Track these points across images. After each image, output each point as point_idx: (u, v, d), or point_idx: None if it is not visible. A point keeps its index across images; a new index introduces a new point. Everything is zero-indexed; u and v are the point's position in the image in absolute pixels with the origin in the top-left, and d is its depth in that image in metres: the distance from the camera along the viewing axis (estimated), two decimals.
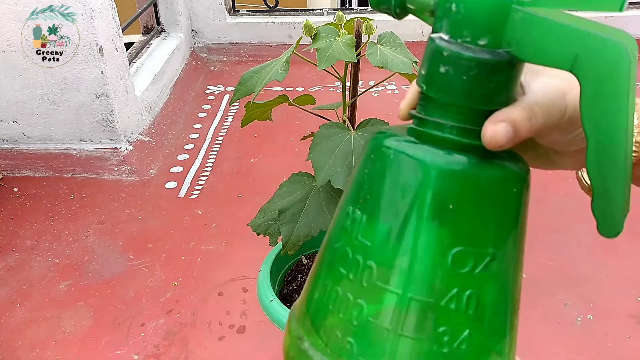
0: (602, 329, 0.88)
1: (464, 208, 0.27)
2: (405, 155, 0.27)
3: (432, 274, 0.27)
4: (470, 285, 0.28)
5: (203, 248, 1.09)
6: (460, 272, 0.27)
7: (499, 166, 0.28)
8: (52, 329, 0.93)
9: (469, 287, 0.27)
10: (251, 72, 0.63)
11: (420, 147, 0.27)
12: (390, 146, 0.28)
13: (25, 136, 1.36)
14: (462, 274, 0.27)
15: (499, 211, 0.28)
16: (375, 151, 0.28)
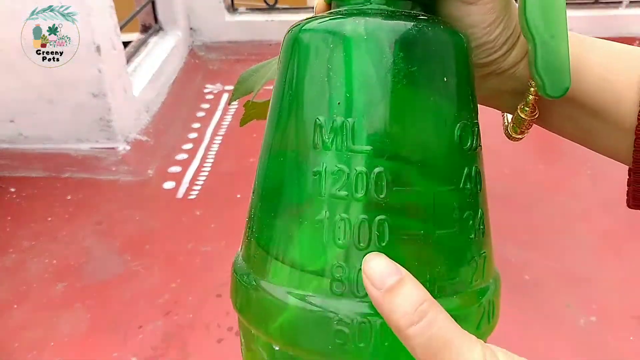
0: (605, 330, 0.87)
1: (441, 75, 0.26)
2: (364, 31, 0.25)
3: (450, 159, 0.26)
4: (473, 161, 0.27)
5: (201, 249, 1.08)
6: (465, 149, 0.26)
7: (445, 28, 0.26)
8: (50, 331, 0.92)
9: (473, 162, 0.26)
10: (250, 71, 0.62)
11: (368, 20, 0.25)
12: (341, 31, 0.25)
13: (22, 136, 1.35)
14: (466, 150, 0.26)
15: (467, 75, 0.27)
16: (329, 41, 0.25)
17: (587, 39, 0.28)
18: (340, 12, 0.27)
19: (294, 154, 0.26)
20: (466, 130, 0.26)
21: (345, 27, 0.25)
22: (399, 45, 0.25)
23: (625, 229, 1.08)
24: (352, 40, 0.25)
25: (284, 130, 0.27)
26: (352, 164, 0.24)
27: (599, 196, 1.16)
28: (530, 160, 1.25)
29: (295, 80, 0.26)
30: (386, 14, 0.26)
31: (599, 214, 1.12)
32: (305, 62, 0.26)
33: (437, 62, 0.26)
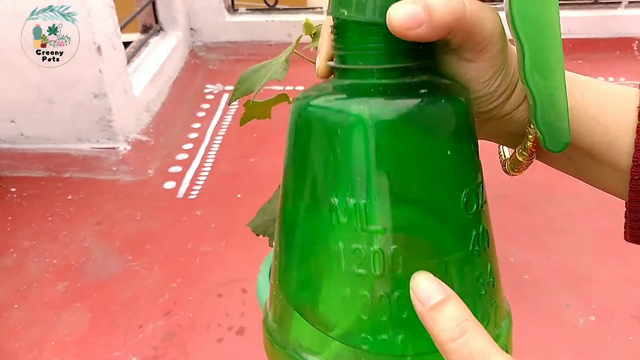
0: (604, 330, 0.88)
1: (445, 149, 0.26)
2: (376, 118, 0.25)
3: (458, 228, 0.26)
4: (479, 221, 0.27)
5: (202, 249, 1.08)
6: (472, 213, 0.27)
7: (447, 98, 0.27)
8: (50, 331, 0.92)
9: (480, 223, 0.27)
10: (250, 71, 0.62)
11: (372, 103, 0.26)
12: (347, 116, 0.26)
13: (22, 136, 1.35)
14: (472, 213, 0.27)
15: (470, 139, 0.28)
16: (336, 125, 0.26)
17: (580, 79, 0.28)
18: (343, 87, 0.27)
19: (312, 229, 0.27)
20: (472, 195, 0.27)
21: (351, 110, 0.25)
22: (404, 127, 0.25)
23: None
24: (358, 126, 0.25)
25: (301, 204, 0.28)
26: (368, 244, 0.25)
27: (598, 196, 1.16)
28: None
29: (306, 158, 0.27)
30: (389, 90, 0.26)
31: (599, 214, 1.12)
32: (314, 141, 0.27)
33: (441, 137, 0.26)
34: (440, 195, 0.26)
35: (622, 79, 1.65)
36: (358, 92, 0.26)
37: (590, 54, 1.78)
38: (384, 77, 0.26)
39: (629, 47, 1.81)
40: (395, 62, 0.26)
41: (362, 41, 0.26)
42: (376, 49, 0.26)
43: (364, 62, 0.26)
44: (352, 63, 0.27)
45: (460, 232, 0.27)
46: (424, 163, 0.26)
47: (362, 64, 0.26)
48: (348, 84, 0.27)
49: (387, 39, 0.25)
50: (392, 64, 0.26)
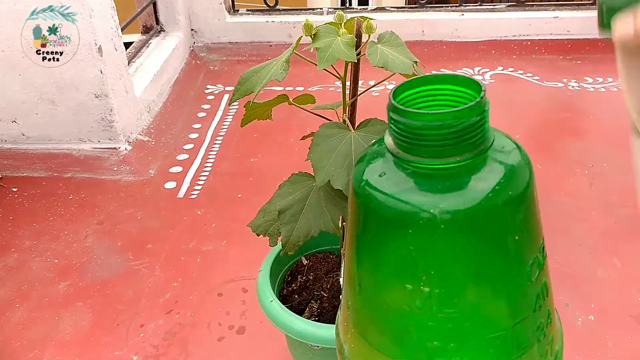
0: (603, 329, 0.88)
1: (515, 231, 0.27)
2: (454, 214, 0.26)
3: (524, 295, 0.28)
4: (543, 280, 0.29)
5: (202, 248, 1.08)
6: (535, 278, 0.28)
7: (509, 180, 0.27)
8: (51, 330, 0.92)
9: (543, 281, 0.29)
10: (251, 72, 0.63)
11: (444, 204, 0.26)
12: (420, 214, 0.26)
13: (24, 136, 1.36)
14: (537, 278, 0.28)
15: (534, 208, 0.29)
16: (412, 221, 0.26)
17: None
18: (407, 171, 0.28)
19: (388, 309, 0.29)
20: (535, 263, 0.28)
21: (422, 209, 0.26)
22: (477, 223, 0.26)
23: (624, 229, 1.08)
24: (433, 226, 0.26)
25: (375, 282, 0.29)
26: (443, 323, 0.27)
27: (597, 196, 1.17)
28: None
29: (378, 242, 0.28)
30: (460, 183, 0.27)
31: (598, 214, 1.12)
32: (387, 230, 0.28)
33: (511, 220, 0.27)
34: (509, 274, 0.27)
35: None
36: (428, 185, 0.27)
37: (590, 54, 1.78)
38: (453, 169, 0.27)
39: None
40: (465, 152, 0.27)
41: (429, 137, 0.27)
42: (443, 143, 0.27)
43: (426, 154, 0.27)
44: (414, 154, 0.27)
45: (525, 299, 0.28)
46: (495, 251, 0.27)
47: (425, 157, 0.27)
48: (412, 170, 0.28)
49: (455, 133, 0.26)
50: (461, 154, 0.27)
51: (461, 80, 0.28)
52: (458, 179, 0.27)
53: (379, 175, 0.28)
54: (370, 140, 0.58)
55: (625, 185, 1.19)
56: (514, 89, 1.64)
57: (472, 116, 0.26)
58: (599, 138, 1.40)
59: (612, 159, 1.30)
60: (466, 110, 0.26)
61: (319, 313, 0.75)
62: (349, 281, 0.30)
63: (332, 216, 0.62)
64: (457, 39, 1.87)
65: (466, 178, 0.27)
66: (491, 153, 0.28)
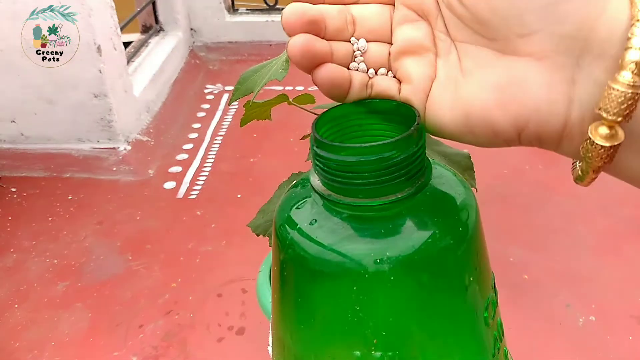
0: (604, 330, 0.88)
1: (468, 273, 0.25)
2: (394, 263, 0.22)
3: (484, 338, 0.25)
4: (498, 319, 0.27)
5: (202, 249, 1.08)
6: (492, 319, 0.26)
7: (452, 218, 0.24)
8: (50, 330, 0.92)
9: (499, 318, 0.27)
10: (250, 71, 0.62)
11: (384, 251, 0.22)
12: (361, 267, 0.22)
13: (23, 136, 1.35)
14: (492, 319, 0.26)
15: (482, 235, 0.26)
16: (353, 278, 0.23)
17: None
18: (340, 215, 0.24)
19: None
20: (492, 303, 0.26)
21: (368, 259, 0.23)
22: (429, 268, 0.23)
23: (625, 229, 1.08)
24: (382, 277, 0.23)
25: (307, 349, 0.25)
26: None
27: (598, 196, 1.16)
28: (529, 160, 1.25)
29: (312, 305, 0.24)
30: (398, 227, 0.24)
31: (599, 214, 1.12)
32: (322, 290, 0.24)
33: (466, 257, 0.25)
34: (468, 320, 0.25)
35: None
36: (369, 230, 0.24)
37: None
38: (395, 208, 0.24)
39: None
40: (406, 187, 0.24)
41: (365, 173, 0.23)
42: (383, 180, 0.23)
43: (362, 195, 0.23)
44: (347, 195, 0.24)
45: (485, 345, 0.26)
46: (452, 295, 0.24)
47: (360, 197, 0.23)
48: (348, 217, 0.24)
49: (395, 166, 0.23)
50: (402, 190, 0.23)
51: (389, 108, 0.25)
52: (402, 219, 0.24)
53: (310, 224, 0.24)
54: None
55: (625, 185, 1.19)
56: None
57: (411, 145, 0.23)
58: None
59: None
60: (404, 139, 0.23)
61: None
62: (278, 346, 0.27)
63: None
64: None
65: (411, 217, 0.24)
66: (432, 185, 0.25)
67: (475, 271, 0.25)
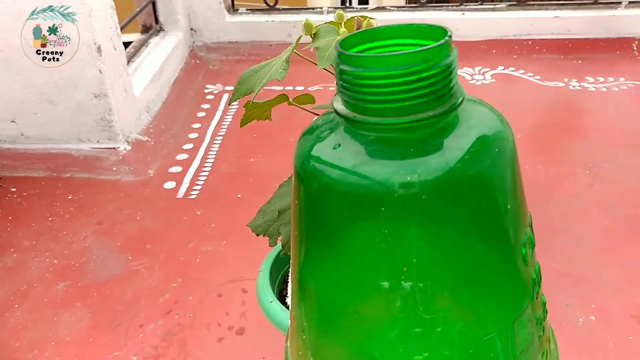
0: (604, 330, 0.88)
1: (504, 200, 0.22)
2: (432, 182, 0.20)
3: (523, 280, 0.23)
4: (535, 260, 0.25)
5: (202, 249, 1.08)
6: (530, 258, 0.24)
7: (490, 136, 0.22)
8: (51, 330, 0.92)
9: (535, 264, 0.25)
10: (250, 71, 0.63)
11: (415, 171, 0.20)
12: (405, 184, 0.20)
13: (23, 136, 1.35)
14: (530, 258, 0.24)
15: (518, 167, 0.24)
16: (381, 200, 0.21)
17: None
18: (367, 138, 0.22)
19: (357, 316, 0.23)
20: (529, 240, 0.24)
21: (396, 178, 0.21)
22: (462, 192, 0.21)
23: (625, 229, 1.08)
24: (412, 199, 0.21)
25: (333, 287, 0.23)
26: (431, 327, 0.21)
27: (598, 196, 1.17)
28: (529, 160, 1.25)
29: (334, 235, 0.22)
30: (429, 147, 0.22)
31: (599, 214, 1.12)
32: (347, 217, 0.22)
33: (503, 184, 0.22)
34: (505, 251, 0.23)
35: (622, 79, 1.65)
36: (398, 150, 0.22)
37: (590, 54, 1.78)
38: (424, 127, 0.22)
39: (629, 48, 1.81)
40: (428, 109, 0.21)
41: (393, 88, 0.21)
42: (411, 95, 0.21)
43: (389, 113, 0.21)
44: (373, 114, 0.22)
45: (523, 285, 0.23)
46: (489, 223, 0.22)
47: (388, 116, 0.21)
48: (371, 137, 0.22)
49: (424, 79, 0.21)
50: (425, 112, 0.21)
51: (421, 31, 0.23)
52: (433, 140, 0.22)
53: (333, 148, 0.23)
54: None
55: (626, 185, 1.19)
56: (515, 89, 1.64)
57: (442, 58, 0.21)
58: (600, 138, 1.39)
59: (613, 159, 1.30)
60: (435, 49, 0.21)
61: None
62: (301, 296, 0.25)
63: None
64: (458, 38, 1.87)
65: (441, 138, 0.22)
66: (466, 111, 0.23)
67: (512, 201, 0.23)
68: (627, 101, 1.56)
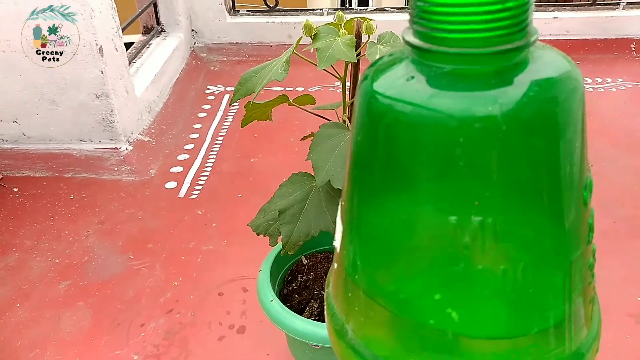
0: (602, 329, 0.88)
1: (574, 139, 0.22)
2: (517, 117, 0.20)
3: (581, 223, 0.24)
4: (591, 207, 0.25)
5: (203, 248, 1.09)
6: (588, 203, 0.25)
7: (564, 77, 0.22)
8: (52, 329, 0.93)
9: (591, 206, 0.26)
10: (251, 72, 0.63)
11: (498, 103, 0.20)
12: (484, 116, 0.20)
13: (25, 136, 1.36)
14: (588, 203, 0.25)
15: (584, 121, 0.24)
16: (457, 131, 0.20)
17: None
18: (441, 71, 0.22)
19: (420, 252, 0.23)
20: (589, 185, 0.24)
21: (478, 108, 0.20)
22: (538, 127, 0.21)
23: (623, 229, 1.08)
24: (491, 129, 0.21)
25: (398, 224, 0.23)
26: (497, 263, 0.21)
27: (597, 196, 1.17)
28: None
29: (411, 167, 0.22)
30: (507, 79, 0.22)
31: (598, 214, 1.12)
32: (420, 148, 0.22)
33: (575, 123, 0.23)
34: (570, 192, 0.23)
35: (619, 80, 1.66)
36: (476, 82, 0.21)
37: (588, 54, 1.79)
38: (503, 59, 0.22)
39: (627, 48, 1.81)
40: (507, 42, 0.21)
41: (469, 19, 0.21)
42: (492, 26, 0.21)
43: (470, 44, 0.21)
44: (453, 45, 0.21)
45: (581, 228, 0.24)
46: (559, 159, 0.22)
47: (468, 47, 0.21)
48: (449, 72, 0.22)
49: (507, 10, 0.21)
50: (504, 44, 0.21)
51: None
52: (509, 73, 0.22)
53: (407, 80, 0.22)
54: None
55: (625, 185, 1.20)
56: None
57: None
58: (599, 138, 1.40)
59: (612, 159, 1.30)
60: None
61: (319, 312, 0.75)
62: (356, 234, 0.24)
63: (332, 216, 0.63)
64: None
65: (518, 72, 0.22)
66: (535, 48, 0.23)
67: (580, 140, 0.23)
68: (626, 101, 1.57)
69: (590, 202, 0.25)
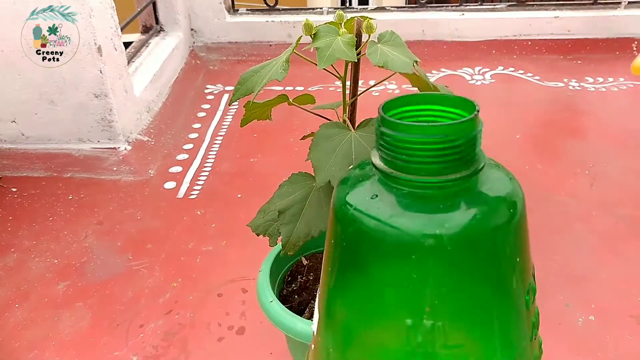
0: (603, 329, 0.88)
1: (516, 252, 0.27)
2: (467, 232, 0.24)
3: (525, 323, 0.27)
4: (536, 307, 0.29)
5: (202, 248, 1.08)
6: (532, 304, 0.28)
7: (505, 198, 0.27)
8: (51, 330, 0.92)
9: (536, 305, 0.29)
10: (251, 72, 0.63)
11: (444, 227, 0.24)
12: (423, 240, 0.24)
13: (23, 136, 1.36)
14: (532, 304, 0.28)
15: (526, 224, 0.29)
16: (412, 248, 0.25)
17: None
18: (401, 192, 0.26)
19: (381, 347, 0.26)
20: (532, 289, 0.28)
21: (427, 230, 0.24)
22: (484, 245, 0.25)
23: (624, 229, 1.08)
24: (438, 249, 0.24)
25: (361, 319, 0.27)
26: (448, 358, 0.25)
27: (597, 196, 1.17)
28: (528, 160, 1.25)
29: (369, 274, 0.26)
30: (456, 204, 0.25)
31: (598, 214, 1.12)
32: (381, 260, 0.25)
33: (516, 240, 0.27)
34: (513, 298, 0.27)
35: (621, 79, 1.65)
36: (429, 206, 0.25)
37: (590, 54, 1.78)
38: (452, 187, 0.26)
39: (629, 48, 1.81)
40: (456, 171, 0.25)
41: (422, 154, 0.25)
42: (445, 159, 0.25)
43: (423, 172, 0.25)
44: (409, 172, 0.26)
45: (525, 327, 0.27)
46: (501, 273, 0.26)
47: (422, 175, 0.25)
48: (407, 194, 0.26)
49: (458, 147, 0.25)
50: (454, 173, 0.25)
51: (452, 101, 0.27)
52: (459, 197, 0.26)
53: (371, 198, 0.26)
54: (371, 140, 0.57)
55: (625, 185, 1.19)
56: (515, 89, 1.64)
57: (472, 130, 0.25)
58: (600, 138, 1.40)
59: (613, 159, 1.30)
60: (468, 122, 0.25)
61: None
62: (328, 322, 0.28)
63: None
64: (458, 38, 1.87)
65: (467, 197, 0.26)
66: (485, 173, 0.28)
67: (522, 253, 0.27)
68: (627, 101, 1.56)
69: (534, 304, 0.28)
